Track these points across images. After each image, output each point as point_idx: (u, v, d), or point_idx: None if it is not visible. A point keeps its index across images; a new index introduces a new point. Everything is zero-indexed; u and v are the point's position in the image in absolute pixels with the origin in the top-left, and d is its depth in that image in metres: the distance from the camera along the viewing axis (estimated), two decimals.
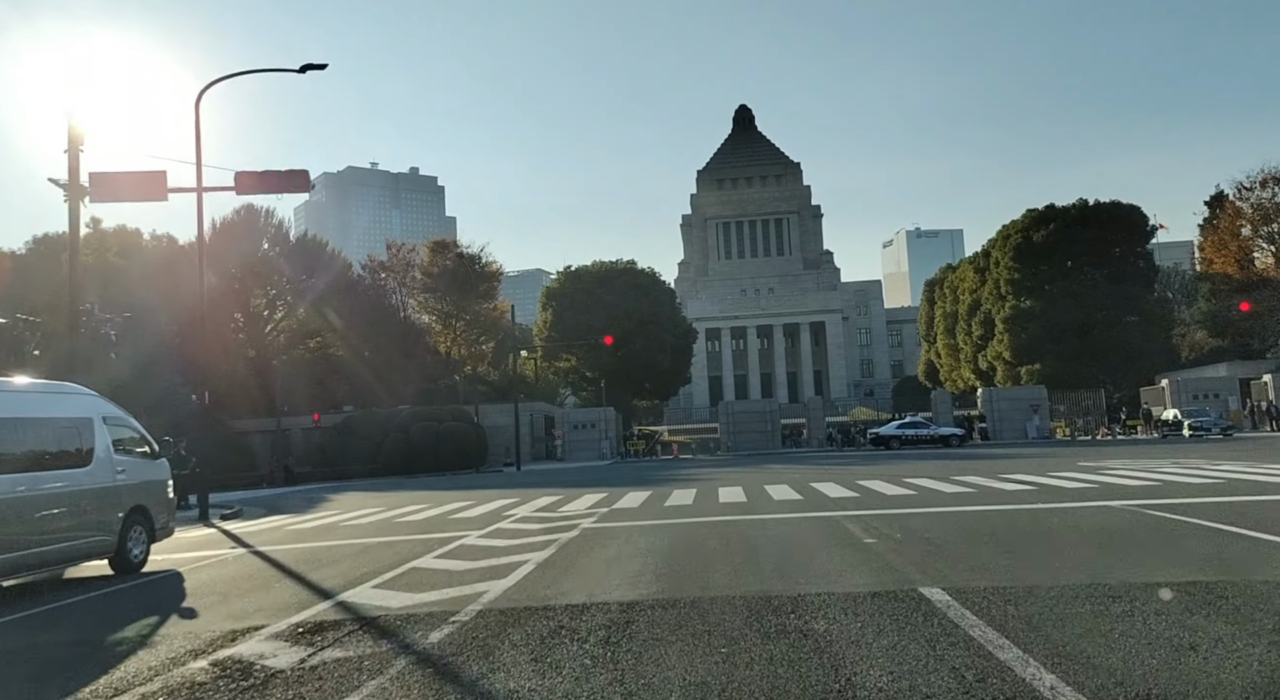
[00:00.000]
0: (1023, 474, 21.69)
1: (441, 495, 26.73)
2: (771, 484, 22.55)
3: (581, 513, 17.40)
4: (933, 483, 20.14)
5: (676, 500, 19.14)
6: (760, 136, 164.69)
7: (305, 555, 13.26)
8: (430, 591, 9.17)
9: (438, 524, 16.77)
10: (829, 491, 19.17)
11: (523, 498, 22.68)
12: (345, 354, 76.88)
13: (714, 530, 13.22)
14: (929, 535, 11.42)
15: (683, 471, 34.58)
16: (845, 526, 12.82)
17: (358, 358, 75.86)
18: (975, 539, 10.95)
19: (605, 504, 19.14)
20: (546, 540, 12.98)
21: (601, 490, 24.02)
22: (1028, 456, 32.23)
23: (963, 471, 23.80)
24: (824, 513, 14.88)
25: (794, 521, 13.88)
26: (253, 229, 78.76)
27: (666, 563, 10.20)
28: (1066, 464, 25.34)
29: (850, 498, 17.46)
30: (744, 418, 62.64)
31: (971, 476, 21.48)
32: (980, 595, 7.52)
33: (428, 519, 18.06)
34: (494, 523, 16.23)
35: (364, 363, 75.78)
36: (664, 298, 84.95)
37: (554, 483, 30.69)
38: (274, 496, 33.27)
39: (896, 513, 14.38)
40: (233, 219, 78.98)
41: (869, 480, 22.03)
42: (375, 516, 19.70)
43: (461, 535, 14.39)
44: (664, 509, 17.30)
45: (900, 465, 29.92)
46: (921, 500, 16.32)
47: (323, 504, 26.35)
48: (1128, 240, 72.89)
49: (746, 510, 16.11)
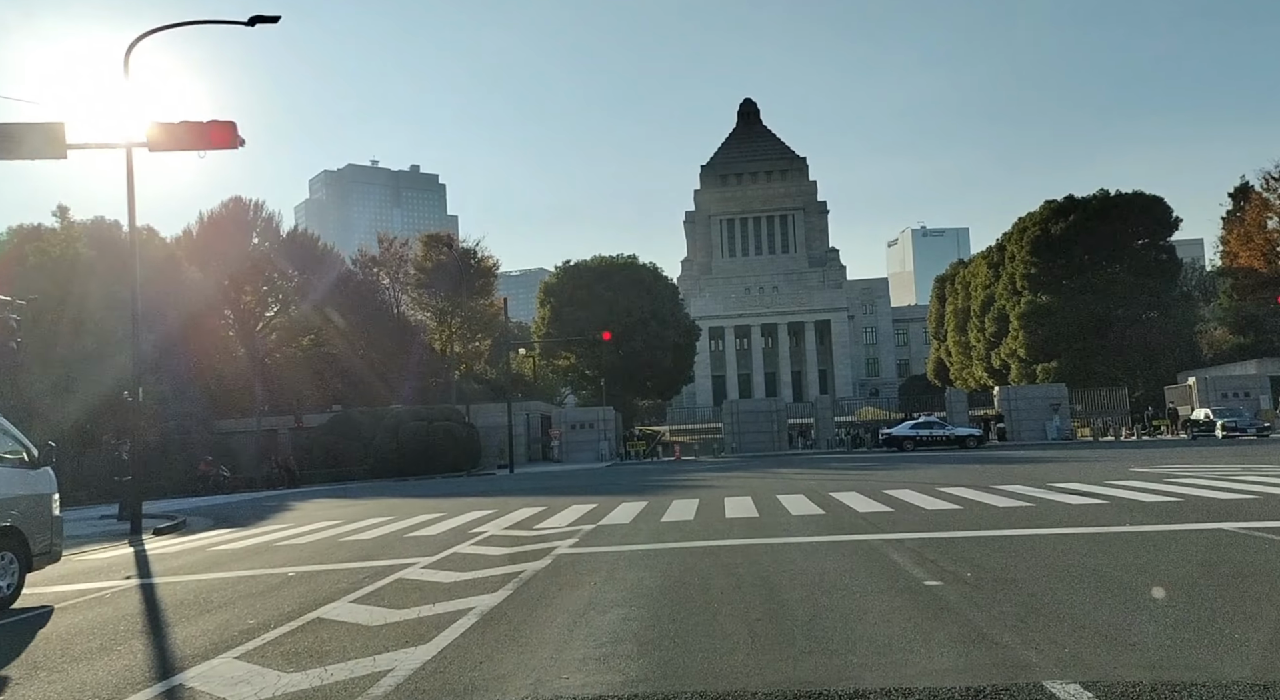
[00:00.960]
0: (1076, 482, 18.82)
1: (414, 504, 23.94)
2: (785, 493, 19.72)
3: (561, 530, 14.58)
4: (974, 494, 17.29)
5: (675, 514, 16.32)
6: (765, 131, 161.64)
7: (201, 592, 10.45)
8: (314, 666, 6.34)
9: (387, 546, 13.95)
10: (854, 504, 16.33)
11: (500, 509, 19.87)
12: (338, 352, 74.23)
13: (720, 561, 10.40)
14: (1012, 576, 8.56)
15: (684, 476, 31.76)
16: (890, 558, 9.97)
17: (351, 356, 73.21)
18: (1078, 582, 8.10)
19: (592, 518, 16.33)
20: (506, 575, 10.15)
21: (592, 499, 21.21)
22: (1064, 460, 29.33)
23: (1001, 479, 20.93)
24: (856, 535, 12.03)
25: (821, 549, 11.03)
26: (242, 223, 76.12)
27: (655, 618, 7.38)
28: (1117, 470, 22.46)
29: (882, 514, 14.62)
30: (749, 418, 59.78)
31: (1017, 486, 18.60)
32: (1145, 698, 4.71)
33: (380, 538, 15.24)
34: (454, 544, 13.41)
35: (357, 361, 73.10)
36: (666, 294, 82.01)
37: (543, 489, 27.89)
38: (231, 505, 30.44)
39: (949, 537, 11.52)
40: (220, 213, 76.40)
41: (896, 489, 19.18)
42: (324, 533, 16.90)
43: (406, 564, 11.56)
44: (659, 527, 14.48)
45: (924, 470, 27.06)
46: (972, 518, 13.46)
47: (277, 515, 23.53)
48: (1150, 233, 69.98)
49: (759, 530, 13.27)
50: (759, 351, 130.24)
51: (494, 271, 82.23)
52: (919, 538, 11.50)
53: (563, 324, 75.39)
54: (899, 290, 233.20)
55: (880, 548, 10.78)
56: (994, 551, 10.15)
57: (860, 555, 10.30)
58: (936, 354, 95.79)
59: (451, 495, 27.46)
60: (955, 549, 10.41)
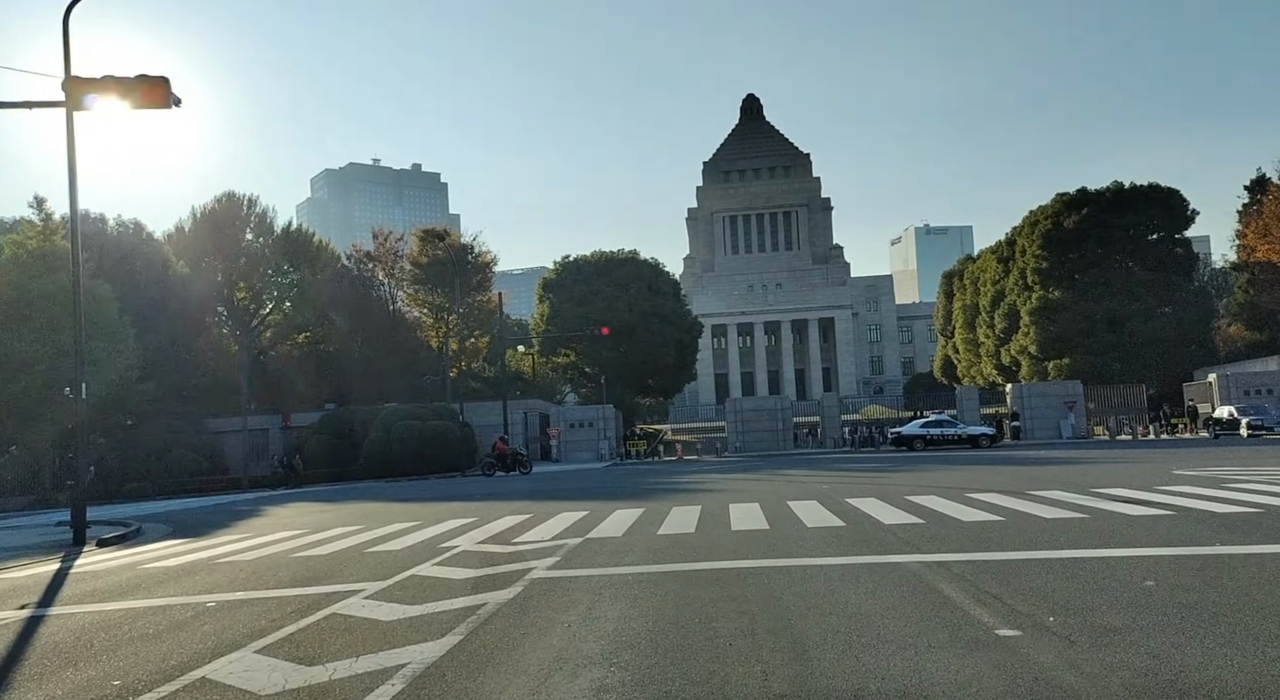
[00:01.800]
0: (1121, 487, 16.87)
1: (394, 510, 22.04)
2: (796, 499, 17.79)
3: (543, 545, 12.66)
4: (1011, 501, 15.35)
5: (674, 524, 14.40)
6: (768, 127, 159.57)
7: (89, 632, 8.53)
8: None
9: (340, 565, 12.03)
10: (877, 513, 14.38)
11: (483, 516, 17.96)
12: (333, 350, 72.42)
13: (726, 592, 8.47)
14: (1109, 621, 6.59)
15: (686, 478, 29.84)
16: (941, 591, 8.04)
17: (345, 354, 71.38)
18: (1207, 631, 6.14)
19: (580, 529, 14.42)
20: (462, 610, 8.23)
21: (584, 505, 19.30)
22: (1093, 461, 27.35)
23: (1034, 483, 18.99)
24: (890, 557, 10.08)
25: (851, 576, 9.10)
26: (235, 220, 74.31)
27: (641, 686, 5.46)
28: (1159, 472, 20.50)
29: (912, 526, 12.68)
30: (753, 416, 57.82)
31: (1056, 491, 16.65)
32: None
33: (336, 554, 13.33)
34: (415, 564, 11.49)
35: (351, 359, 71.28)
36: (668, 290, 79.94)
37: (535, 492, 25.99)
38: (204, 509, 28.51)
39: (1003, 560, 9.59)
40: (214, 209, 74.57)
41: (920, 495, 17.24)
42: (279, 546, 15.00)
43: (349, 593, 9.65)
44: (655, 541, 12.56)
45: (943, 472, 25.11)
46: (1021, 533, 11.52)
47: (243, 522, 21.62)
48: (1165, 226, 67.92)
49: (771, 547, 11.34)
50: (762, 349, 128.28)
51: (492, 266, 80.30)
52: (967, 560, 9.56)
53: (562, 320, 73.38)
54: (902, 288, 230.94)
55: (923, 574, 8.85)
56: (1066, 581, 8.21)
57: (901, 585, 8.37)
58: (944, 351, 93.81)
59: (437, 499, 25.56)
60: (1017, 577, 8.47)
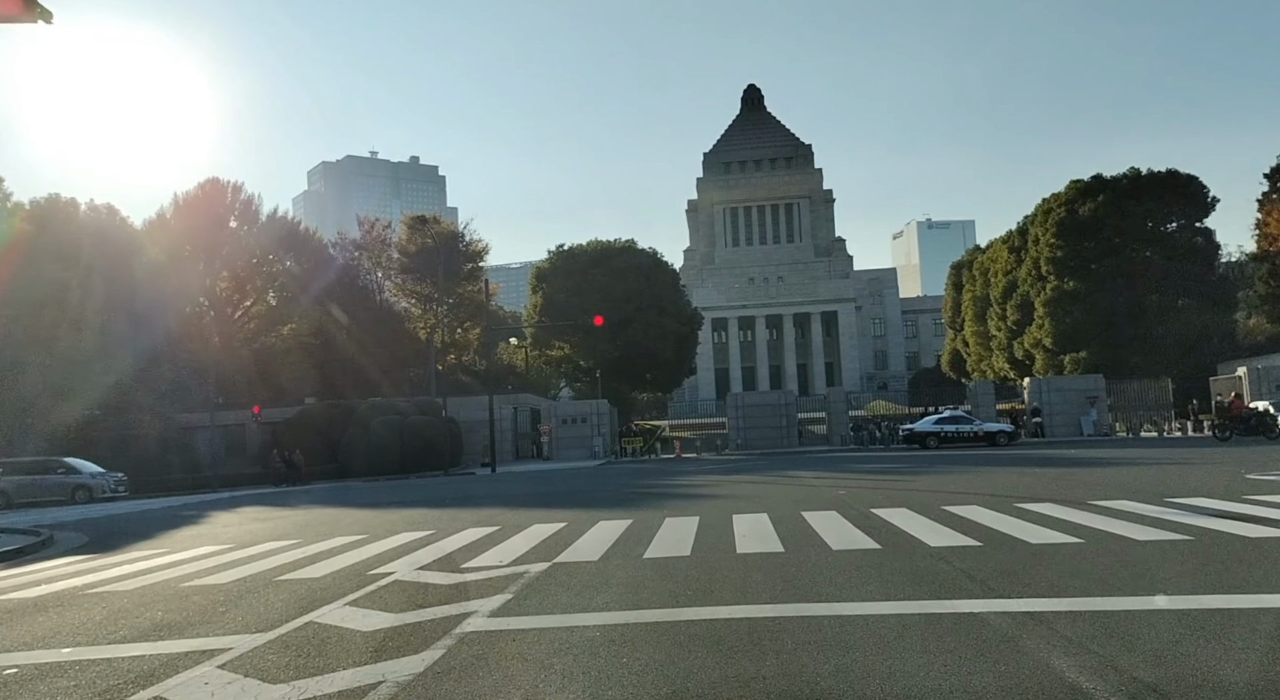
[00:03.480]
0: (1198, 496, 14.12)
1: (346, 518, 19.34)
2: (811, 508, 15.04)
3: (497, 575, 9.93)
4: (1074, 514, 12.61)
5: (665, 543, 11.66)
6: (770, 117, 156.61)
7: None
8: None
9: (232, 602, 9.29)
10: (916, 530, 11.64)
11: (442, 529, 15.24)
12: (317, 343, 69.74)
13: (733, 667, 5.73)
14: None
15: (683, 479, 27.11)
16: (1054, 668, 5.29)
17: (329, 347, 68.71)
18: None
19: (551, 549, 11.69)
20: (346, 693, 5.51)
21: (563, 514, 16.58)
22: (1137, 462, 24.60)
23: (1089, 489, 16.26)
24: (955, 602, 7.32)
25: (908, 632, 6.35)
26: (219, 206, 71.72)
27: None
28: (1231, 477, 17.75)
29: (968, 550, 9.94)
30: (755, 412, 55.03)
31: (1124, 501, 13.90)
32: None
33: (240, 582, 10.59)
34: (326, 602, 8.76)
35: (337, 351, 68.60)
36: (667, 281, 77.13)
37: (514, 496, 23.29)
38: (150, 513, 25.71)
39: (1118, 609, 6.83)
40: (196, 195, 72.02)
41: (959, 505, 14.50)
42: (183, 568, 12.26)
43: (210, 652, 6.92)
44: (639, 569, 9.82)
45: (972, 474, 22.37)
46: (1116, 564, 8.76)
47: (174, 532, 18.86)
48: (1185, 214, 65.13)
49: (790, 581, 8.59)
50: (763, 344, 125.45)
51: (483, 255, 77.57)
52: (1069, 611, 6.81)
53: (556, 311, 70.62)
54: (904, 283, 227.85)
55: (1015, 636, 6.11)
56: (1236, 651, 5.47)
57: (990, 657, 5.63)
58: (952, 345, 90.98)
59: (403, 504, 22.84)
60: (1160, 646, 5.72)
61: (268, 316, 72.98)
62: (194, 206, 71.46)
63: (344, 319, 67.24)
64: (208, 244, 68.73)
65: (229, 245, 70.57)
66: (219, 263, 71.10)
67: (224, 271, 71.49)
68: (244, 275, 72.15)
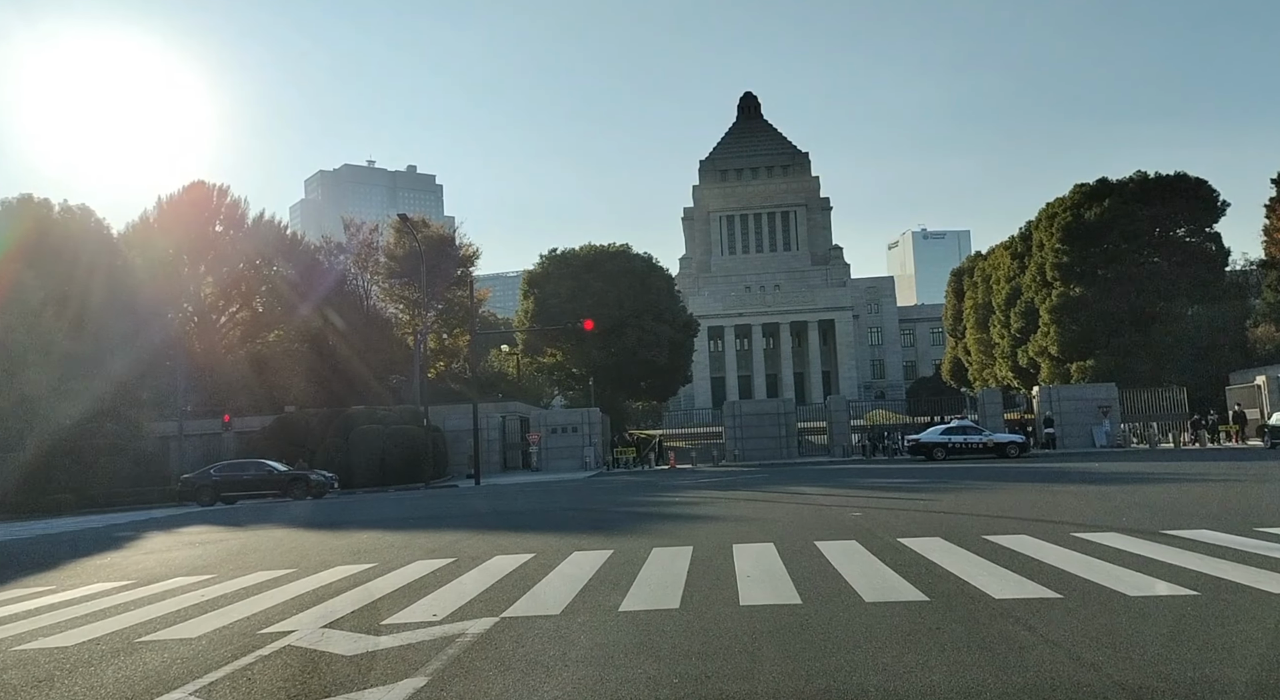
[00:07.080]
0: (1277, 527, 11.79)
1: (283, 543, 16.92)
2: (827, 538, 12.63)
3: (423, 639, 7.51)
4: (1156, 549, 10.24)
5: (647, 590, 9.25)
6: (766, 125, 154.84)
7: None
8: None
9: (60, 673, 6.87)
10: (966, 572, 9.25)
11: (386, 560, 12.82)
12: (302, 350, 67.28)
13: None
14: None
15: (676, 496, 24.70)
16: None
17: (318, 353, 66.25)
18: None
19: (504, 594, 9.28)
20: None
21: (533, 541, 14.16)
22: (1175, 479, 22.24)
23: (1152, 514, 13.89)
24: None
25: None
26: (204, 210, 69.38)
27: None
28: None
29: (1046, 605, 7.56)
30: (753, 421, 52.61)
31: (1205, 532, 11.51)
32: None
33: (83, 647, 8.15)
34: (170, 687, 6.36)
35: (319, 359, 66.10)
36: (662, 286, 74.76)
37: (481, 517, 20.87)
38: (68, 536, 23.20)
39: None
40: (180, 198, 69.71)
41: (1003, 535, 12.11)
42: (33, 622, 9.83)
43: None
44: (613, 630, 7.40)
45: (998, 492, 20.00)
46: (1260, 629, 6.41)
47: (87, 559, 16.39)
48: (1193, 218, 63.03)
49: (816, 659, 6.18)
50: (760, 352, 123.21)
51: (474, 260, 75.22)
52: None
53: (548, 317, 68.17)
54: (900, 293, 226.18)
55: None
56: None
57: None
58: (953, 353, 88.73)
59: (362, 525, 20.41)
60: None
61: (254, 322, 70.65)
62: (177, 209, 69.17)
63: (335, 324, 64.90)
64: (192, 248, 66.41)
65: (214, 250, 68.24)
66: (204, 268, 68.78)
67: (209, 276, 69.18)
68: (230, 280, 69.81)
